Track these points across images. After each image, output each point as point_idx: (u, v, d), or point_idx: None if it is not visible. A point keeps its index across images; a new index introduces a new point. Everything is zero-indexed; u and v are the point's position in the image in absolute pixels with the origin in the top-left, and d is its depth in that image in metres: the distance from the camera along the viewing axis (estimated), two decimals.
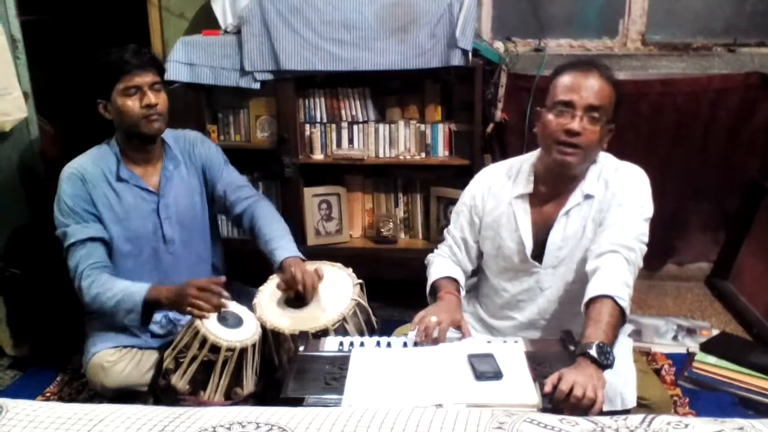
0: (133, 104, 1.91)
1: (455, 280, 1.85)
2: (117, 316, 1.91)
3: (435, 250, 1.97)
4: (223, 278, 1.88)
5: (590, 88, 1.64)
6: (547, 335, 1.78)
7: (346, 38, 2.49)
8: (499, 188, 1.85)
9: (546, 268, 1.78)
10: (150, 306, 1.90)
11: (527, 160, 1.85)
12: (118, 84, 1.90)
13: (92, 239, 1.96)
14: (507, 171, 1.87)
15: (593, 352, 1.41)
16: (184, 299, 1.82)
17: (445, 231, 1.98)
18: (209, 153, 2.16)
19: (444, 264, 1.91)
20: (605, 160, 1.77)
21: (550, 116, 1.67)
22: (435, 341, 1.62)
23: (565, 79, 1.67)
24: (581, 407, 1.32)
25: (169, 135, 2.09)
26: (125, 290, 1.90)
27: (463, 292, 1.87)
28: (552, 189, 1.77)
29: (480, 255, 1.92)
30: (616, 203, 1.69)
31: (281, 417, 1.09)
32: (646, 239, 1.67)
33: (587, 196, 1.73)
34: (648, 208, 1.70)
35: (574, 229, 1.74)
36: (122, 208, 2.01)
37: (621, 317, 1.53)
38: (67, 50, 3.53)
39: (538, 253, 1.78)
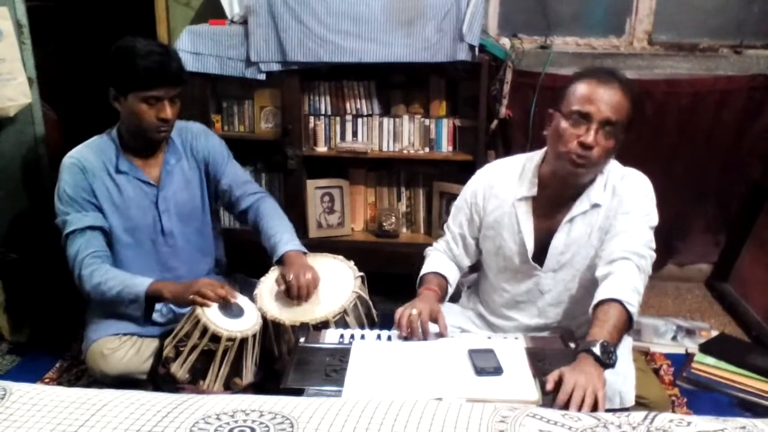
0: (148, 112, 1.88)
1: (442, 276, 1.85)
2: (119, 306, 1.91)
3: (434, 244, 1.97)
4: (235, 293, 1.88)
5: (608, 101, 1.60)
6: None
7: (352, 30, 2.48)
8: (502, 188, 1.82)
9: (547, 271, 1.77)
10: (152, 298, 1.90)
11: (531, 159, 1.82)
12: (139, 91, 1.86)
13: (92, 228, 1.95)
14: (510, 170, 1.84)
15: (597, 350, 1.41)
16: (189, 289, 1.83)
17: (444, 226, 1.97)
18: (212, 147, 2.14)
19: (437, 259, 1.91)
20: (610, 166, 1.75)
21: (565, 124, 1.63)
22: (421, 333, 1.62)
23: (585, 88, 1.62)
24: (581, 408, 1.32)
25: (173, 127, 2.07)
26: (127, 281, 1.90)
27: (451, 289, 1.88)
28: (557, 194, 1.75)
29: (479, 252, 1.92)
30: (623, 210, 1.68)
31: (284, 406, 1.09)
32: (653, 246, 1.67)
33: (594, 205, 1.72)
34: (654, 217, 1.70)
35: (578, 235, 1.73)
36: (122, 200, 2.00)
37: (627, 323, 1.52)
38: (73, 37, 3.53)
39: (540, 256, 1.77)
